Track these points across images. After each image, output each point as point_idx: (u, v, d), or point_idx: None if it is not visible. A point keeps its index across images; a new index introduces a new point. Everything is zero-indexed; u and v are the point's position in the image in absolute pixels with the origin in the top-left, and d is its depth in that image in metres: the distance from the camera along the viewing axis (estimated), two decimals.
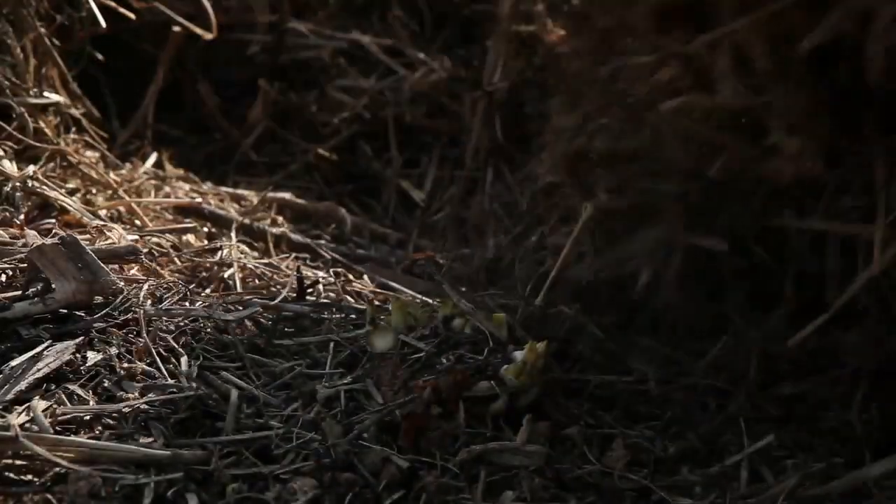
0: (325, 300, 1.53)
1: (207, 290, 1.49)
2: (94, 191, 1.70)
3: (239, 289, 1.52)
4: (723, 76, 1.27)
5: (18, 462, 1.08)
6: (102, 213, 1.63)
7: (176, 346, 1.29)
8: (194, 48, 2.18)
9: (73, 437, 1.12)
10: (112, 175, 1.76)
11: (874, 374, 1.46)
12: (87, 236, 1.51)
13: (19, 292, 1.32)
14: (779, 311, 1.45)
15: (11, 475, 1.08)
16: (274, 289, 1.53)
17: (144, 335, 1.29)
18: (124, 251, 1.43)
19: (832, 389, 1.46)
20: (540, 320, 1.45)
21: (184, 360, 1.28)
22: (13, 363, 1.21)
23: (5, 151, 1.63)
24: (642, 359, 1.43)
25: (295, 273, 1.55)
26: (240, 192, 1.95)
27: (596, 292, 1.50)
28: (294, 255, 1.73)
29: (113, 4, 1.92)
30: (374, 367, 1.30)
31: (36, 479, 1.07)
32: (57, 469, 1.08)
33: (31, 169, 1.60)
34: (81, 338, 1.27)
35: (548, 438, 1.26)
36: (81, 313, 1.31)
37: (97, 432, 1.15)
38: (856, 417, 1.40)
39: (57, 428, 1.14)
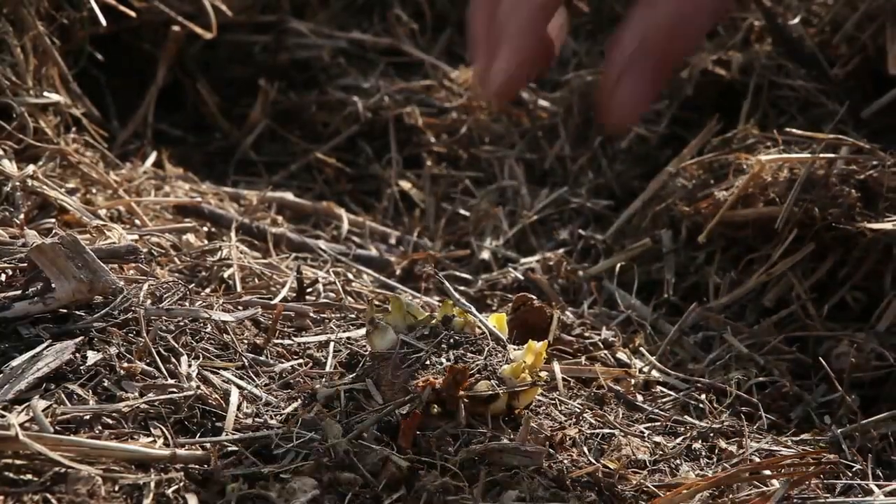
0: (325, 300, 1.53)
1: (207, 290, 1.49)
2: (93, 190, 1.70)
3: (239, 288, 1.52)
4: None
5: (18, 462, 1.08)
6: (102, 212, 1.63)
7: (176, 346, 1.29)
8: (194, 48, 2.18)
9: (72, 437, 1.12)
10: (112, 175, 1.75)
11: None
12: (87, 236, 1.51)
13: (19, 292, 1.32)
14: None
15: (11, 475, 1.07)
16: (274, 288, 1.53)
17: (144, 335, 1.29)
18: (124, 251, 1.43)
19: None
20: None
21: (184, 359, 1.28)
22: (13, 363, 1.21)
23: (5, 151, 1.63)
24: None
25: (295, 272, 1.55)
26: (239, 191, 1.95)
27: None
28: (294, 254, 1.73)
29: (113, 3, 1.92)
30: (374, 367, 1.31)
31: (36, 479, 1.07)
32: (57, 468, 1.08)
33: (30, 168, 1.59)
34: (81, 337, 1.27)
35: (547, 438, 1.26)
36: (81, 313, 1.31)
37: (97, 432, 1.15)
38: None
39: (57, 427, 1.14)
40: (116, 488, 1.08)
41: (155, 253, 1.54)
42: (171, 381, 1.23)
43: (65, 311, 1.31)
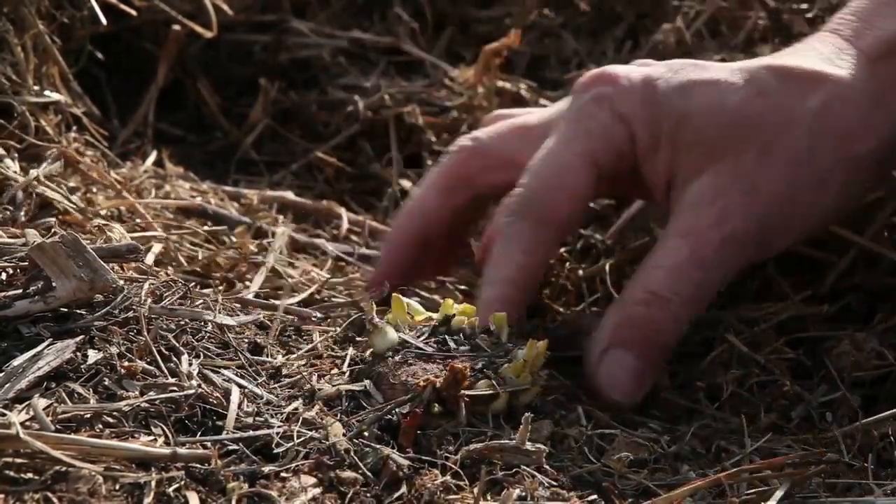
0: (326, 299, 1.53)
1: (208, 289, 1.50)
2: (94, 189, 1.70)
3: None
4: None
5: (19, 460, 1.08)
6: (103, 211, 1.63)
7: (177, 345, 1.29)
8: (195, 47, 2.18)
9: (73, 436, 1.12)
10: (112, 174, 1.75)
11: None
12: (88, 235, 1.51)
13: (20, 290, 1.32)
14: None
15: (12, 473, 1.08)
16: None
17: (145, 333, 1.29)
18: (125, 250, 1.43)
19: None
20: None
21: (184, 358, 1.28)
22: (14, 362, 1.21)
23: (7, 150, 1.63)
24: None
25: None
26: (240, 190, 1.95)
27: None
28: (294, 253, 1.73)
29: (114, 1, 1.92)
30: (375, 366, 1.31)
31: (36, 477, 1.07)
32: (57, 467, 1.08)
33: (34, 173, 1.58)
34: (82, 336, 1.27)
35: (548, 437, 1.26)
36: (82, 311, 1.31)
37: (98, 430, 1.15)
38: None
39: (57, 426, 1.14)
40: (117, 487, 1.08)
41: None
42: (171, 380, 1.23)
43: (65, 309, 1.31)
